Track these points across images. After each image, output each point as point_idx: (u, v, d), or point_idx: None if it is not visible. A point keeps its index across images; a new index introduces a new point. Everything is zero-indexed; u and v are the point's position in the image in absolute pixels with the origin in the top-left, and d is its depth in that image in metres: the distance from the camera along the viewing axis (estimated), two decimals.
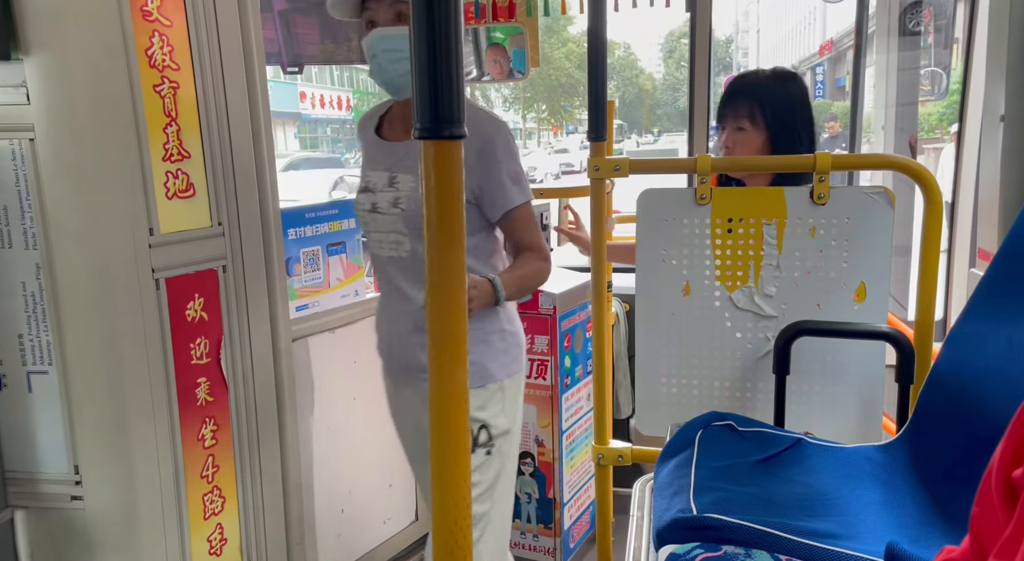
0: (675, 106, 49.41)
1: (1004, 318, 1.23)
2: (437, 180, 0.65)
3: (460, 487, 0.77)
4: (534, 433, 2.41)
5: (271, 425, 1.82)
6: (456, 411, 0.75)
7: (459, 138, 0.65)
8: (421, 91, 0.64)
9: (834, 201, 1.63)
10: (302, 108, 23.09)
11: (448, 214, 0.66)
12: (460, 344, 0.73)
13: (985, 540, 0.50)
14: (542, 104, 38.58)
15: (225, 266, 1.69)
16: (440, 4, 0.64)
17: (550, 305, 2.36)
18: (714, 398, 1.75)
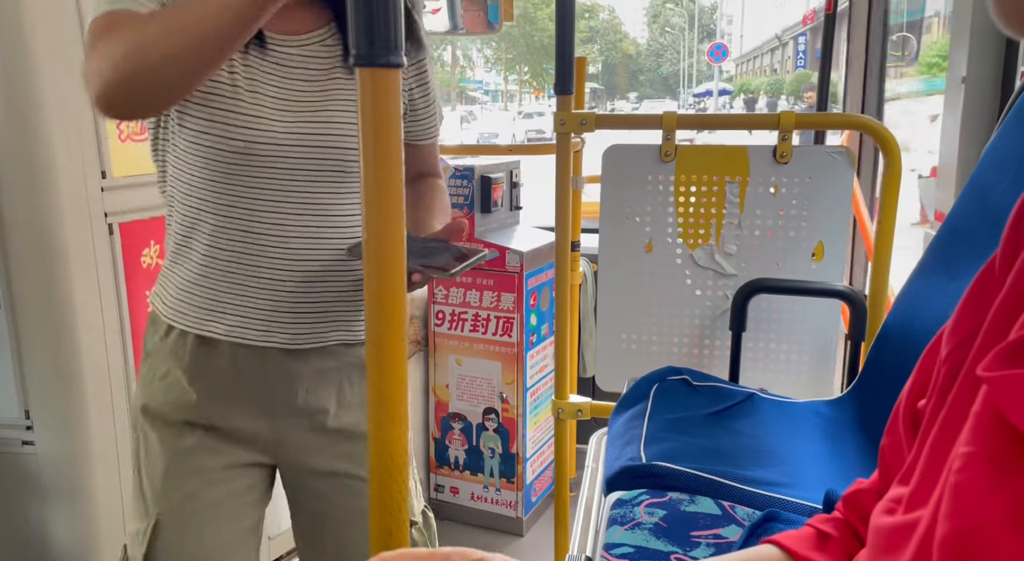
0: (658, 72, 49.00)
1: (954, 273, 1.25)
2: (375, 112, 0.64)
3: (396, 440, 0.77)
4: (498, 389, 2.43)
5: None
6: (392, 362, 0.75)
7: (397, 66, 0.63)
8: (356, 13, 0.62)
9: (796, 160, 1.64)
10: None
11: (386, 151, 0.65)
12: (398, 288, 0.73)
13: (891, 469, 0.52)
14: (524, 66, 38.02)
15: None
16: None
17: (516, 263, 2.36)
18: (672, 354, 1.77)
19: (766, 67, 37.22)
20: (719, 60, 26.20)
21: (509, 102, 37.70)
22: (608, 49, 47.39)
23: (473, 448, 2.49)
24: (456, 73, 35.74)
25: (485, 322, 2.42)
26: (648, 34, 52.96)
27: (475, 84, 40.57)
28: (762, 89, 31.03)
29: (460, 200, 2.39)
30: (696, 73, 41.40)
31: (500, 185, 2.45)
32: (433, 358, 2.50)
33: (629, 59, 49.92)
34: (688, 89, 38.60)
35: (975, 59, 1.56)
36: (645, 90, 47.00)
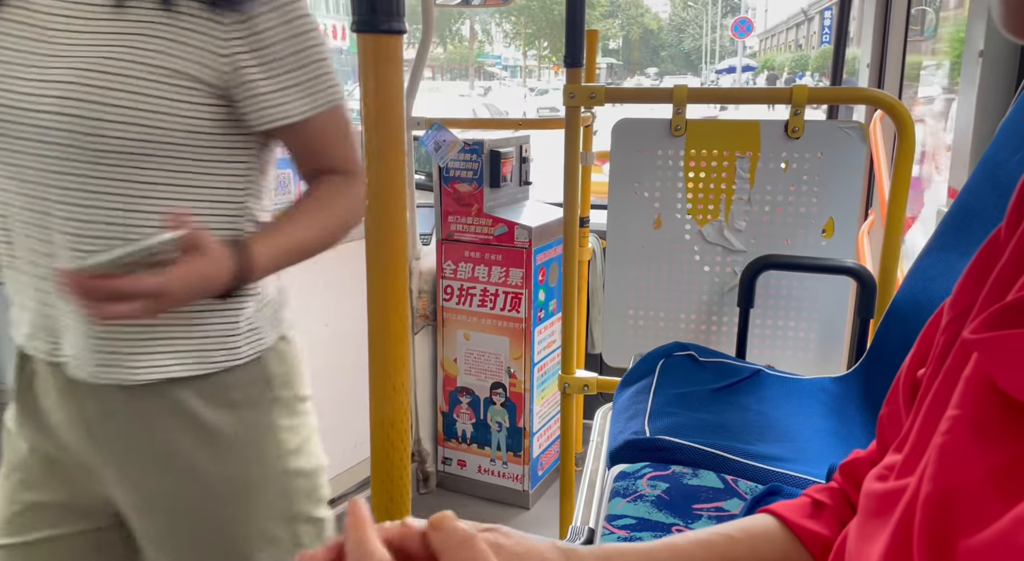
0: (680, 48, 48.18)
1: (964, 250, 1.24)
2: (377, 80, 0.63)
3: (398, 383, 0.78)
4: (506, 364, 2.44)
5: None
6: (394, 330, 0.75)
7: (400, 32, 0.63)
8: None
9: (808, 135, 1.62)
10: None
11: (387, 118, 0.65)
12: (399, 255, 0.73)
13: (888, 438, 0.52)
14: (543, 41, 37.50)
15: None
16: None
17: (525, 239, 2.36)
18: (679, 330, 1.77)
19: (791, 42, 36.47)
20: (743, 35, 25.62)
21: (528, 77, 37.27)
22: (629, 24, 46.60)
23: (480, 422, 2.51)
24: (474, 48, 35.27)
25: (493, 297, 2.42)
26: (671, 8, 52.02)
27: (494, 59, 40.12)
28: (786, 65, 30.40)
29: (469, 174, 2.38)
30: (719, 49, 40.69)
31: (510, 160, 2.43)
32: (441, 332, 2.51)
33: (650, 34, 49.06)
34: (710, 65, 37.97)
35: (992, 34, 1.53)
36: (666, 66, 46.14)
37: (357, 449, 2.29)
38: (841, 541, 0.49)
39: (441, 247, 2.46)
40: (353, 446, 2.28)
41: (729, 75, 27.47)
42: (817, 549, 0.55)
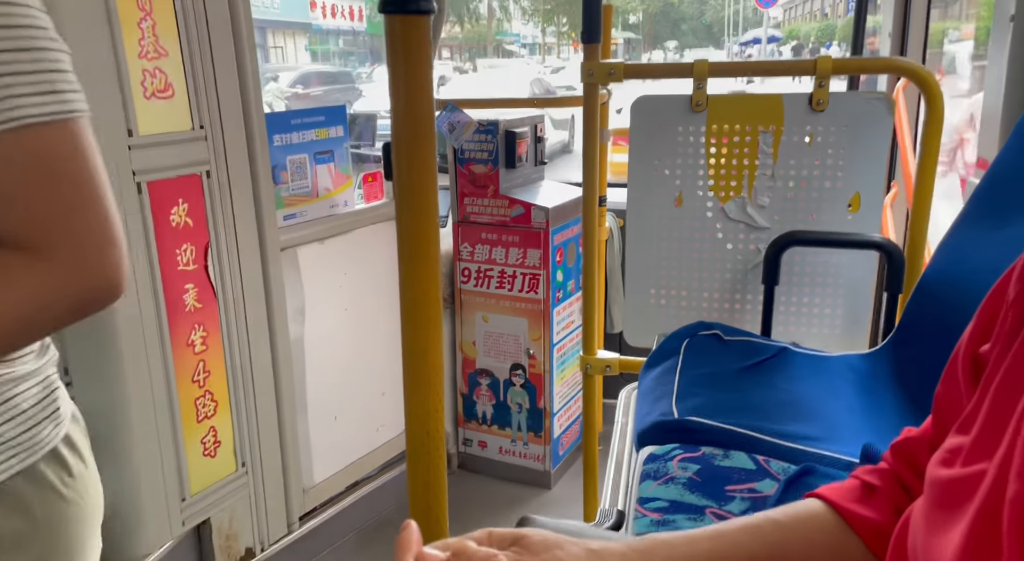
0: (701, 20, 47.25)
1: (1000, 221, 1.21)
2: (407, 61, 0.62)
3: (432, 395, 0.77)
4: (525, 345, 2.44)
5: (261, 332, 1.83)
6: (427, 324, 0.75)
7: (428, 12, 0.61)
8: None
9: (833, 108, 1.59)
10: (312, 18, 22.12)
11: (418, 99, 0.63)
12: (431, 235, 0.72)
13: (947, 417, 0.50)
14: (562, 17, 36.94)
15: (209, 171, 1.65)
16: None
17: (542, 219, 2.34)
18: (702, 309, 1.75)
19: (815, 11, 35.68)
20: (768, 5, 24.88)
21: (547, 54, 36.73)
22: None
23: (501, 403, 2.51)
24: (493, 26, 34.81)
25: (511, 279, 2.41)
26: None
27: (512, 37, 39.69)
28: (812, 35, 29.72)
29: (484, 155, 2.36)
30: (742, 20, 39.94)
31: (525, 140, 2.41)
32: (460, 315, 2.51)
33: (671, 7, 48.12)
34: (733, 37, 37.32)
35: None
36: (687, 39, 45.25)
37: (379, 432, 2.30)
38: (901, 529, 0.48)
39: (457, 229, 2.44)
40: (375, 429, 2.29)
41: (754, 46, 26.89)
42: (869, 535, 0.54)
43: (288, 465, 1.95)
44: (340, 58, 23.80)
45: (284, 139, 1.88)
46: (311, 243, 1.99)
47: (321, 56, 23.52)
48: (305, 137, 1.92)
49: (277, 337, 1.86)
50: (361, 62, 22.24)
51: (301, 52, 23.02)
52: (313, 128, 1.94)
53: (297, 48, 23.03)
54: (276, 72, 16.85)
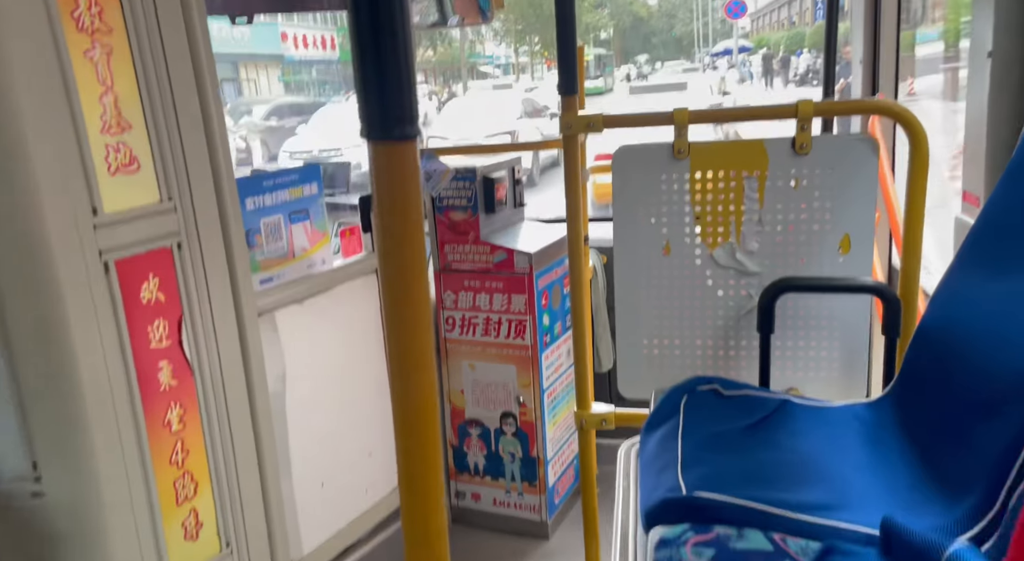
0: (671, 34, 48.18)
1: (998, 271, 1.19)
2: (391, 189, 0.57)
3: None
4: (514, 393, 2.38)
5: (241, 404, 1.75)
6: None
7: (413, 138, 0.56)
8: (366, 82, 0.55)
9: (817, 150, 1.57)
10: (284, 49, 22.17)
11: (408, 231, 0.58)
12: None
13: None
14: (534, 36, 37.35)
15: (180, 243, 1.59)
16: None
17: (525, 264, 2.30)
18: (697, 358, 1.71)
19: (783, 20, 36.45)
20: (737, 16, 25.29)
21: (521, 73, 37.05)
22: (619, 13, 46.62)
23: (492, 454, 2.44)
24: (466, 48, 35.12)
25: (497, 325, 2.36)
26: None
27: (486, 58, 40.09)
28: (782, 43, 30.29)
29: (463, 202, 2.32)
30: (711, 32, 40.78)
31: (503, 184, 2.37)
32: (446, 364, 2.45)
33: (641, 22, 49.01)
34: (704, 49, 37.98)
35: (1001, 33, 1.48)
36: (658, 52, 46.06)
37: (368, 493, 2.22)
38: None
39: (439, 278, 2.39)
40: (364, 491, 2.21)
41: (725, 57, 27.31)
42: None
43: (275, 539, 1.86)
44: (315, 88, 23.83)
45: (257, 202, 1.82)
46: (289, 305, 1.93)
47: (295, 86, 23.55)
48: (279, 198, 1.86)
49: (258, 407, 1.79)
50: (336, 90, 22.26)
51: (275, 83, 23.05)
52: (287, 188, 1.88)
53: (271, 80, 23.05)
54: (250, 105, 16.78)
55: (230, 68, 22.04)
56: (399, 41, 0.56)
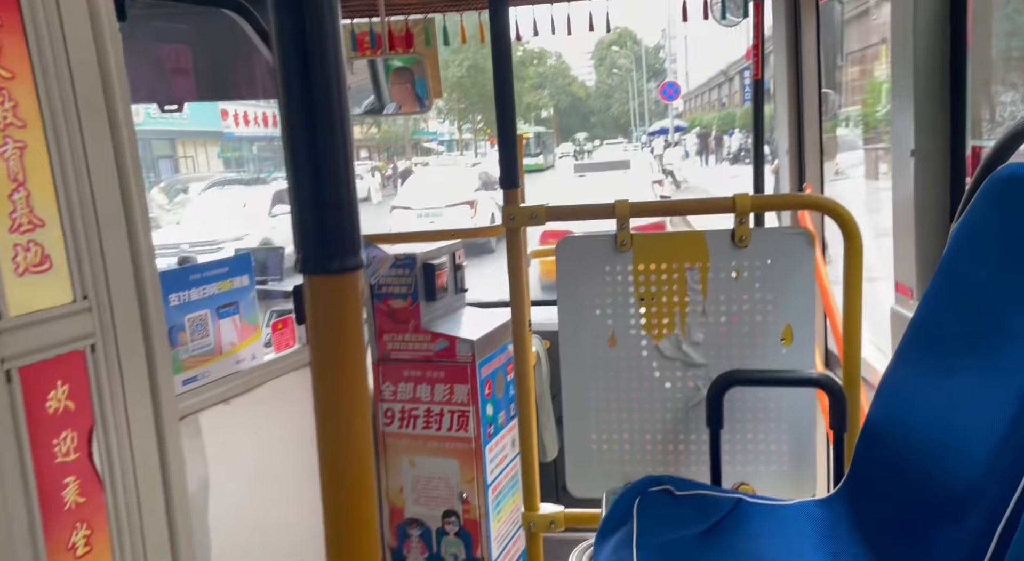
0: (608, 113, 50.61)
1: (941, 368, 1.20)
2: (331, 328, 0.51)
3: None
4: (457, 489, 2.27)
5: (158, 518, 1.60)
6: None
7: (354, 270, 0.51)
8: (301, 208, 0.50)
9: (755, 243, 1.59)
10: (225, 126, 22.07)
11: (348, 370, 0.52)
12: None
13: None
14: (478, 115, 38.46)
15: (94, 345, 1.46)
16: (324, 86, 0.51)
17: (468, 352, 2.23)
18: (647, 453, 1.67)
19: (714, 101, 38.73)
20: (672, 98, 26.67)
21: (464, 150, 38.08)
22: (558, 93, 48.76)
23: (434, 556, 2.30)
24: (410, 125, 35.93)
25: (438, 417, 2.27)
26: (596, 76, 54.88)
27: (430, 135, 41.02)
28: (714, 123, 32.10)
29: (403, 289, 2.26)
30: (647, 111, 42.95)
31: (444, 271, 2.33)
32: (384, 460, 2.32)
33: (579, 101, 51.35)
34: (640, 128, 39.88)
35: (922, 132, 1.55)
36: (596, 130, 48.24)
37: None
38: None
39: (378, 369, 2.30)
40: None
41: (662, 136, 28.73)
42: None
43: None
44: (255, 164, 23.73)
45: (182, 297, 1.72)
46: (215, 406, 1.80)
47: (235, 163, 23.41)
48: (206, 292, 1.77)
49: (177, 520, 1.63)
50: (276, 167, 22.18)
51: (214, 160, 22.89)
52: (215, 281, 1.79)
53: (209, 156, 22.87)
54: (186, 183, 16.50)
55: (167, 145, 21.85)
56: (339, 159, 0.51)
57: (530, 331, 2.43)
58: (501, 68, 1.60)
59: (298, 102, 0.51)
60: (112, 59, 1.49)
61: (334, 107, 0.50)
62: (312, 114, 0.50)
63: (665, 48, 50.78)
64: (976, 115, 1.42)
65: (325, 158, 0.50)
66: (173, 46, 2.00)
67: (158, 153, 21.66)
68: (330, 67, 0.50)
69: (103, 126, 1.49)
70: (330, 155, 0.50)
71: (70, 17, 1.39)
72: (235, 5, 1.83)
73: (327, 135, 0.50)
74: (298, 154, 0.51)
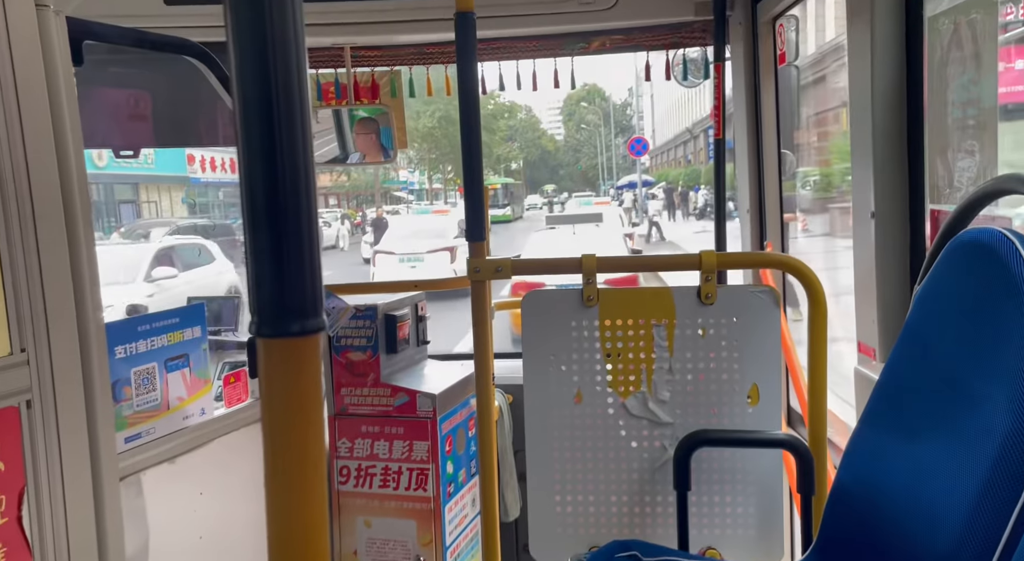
0: (577, 167, 51.87)
1: (908, 433, 1.19)
2: (288, 394, 0.47)
3: None
4: (414, 552, 2.18)
5: None
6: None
7: (315, 333, 0.47)
8: (259, 267, 0.46)
9: (721, 300, 1.58)
10: (191, 171, 21.84)
11: (303, 434, 0.48)
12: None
13: None
14: (448, 165, 38.87)
15: (30, 401, 1.38)
16: (286, 137, 0.47)
17: (429, 407, 2.17)
18: (612, 516, 1.62)
19: (680, 158, 39.95)
20: (640, 153, 27.27)
21: (435, 199, 38.61)
22: (528, 146, 49.87)
23: None
24: (380, 174, 36.20)
25: (396, 475, 2.18)
26: (564, 131, 56.35)
27: (399, 184, 41.36)
28: (680, 179, 33.05)
29: (363, 342, 2.19)
30: (615, 166, 44.10)
31: (406, 322, 2.28)
32: (338, 521, 2.22)
33: (548, 154, 52.51)
34: (608, 181, 40.90)
35: (882, 195, 1.58)
36: (565, 183, 49.36)
37: None
38: None
39: (334, 423, 2.22)
40: None
41: (631, 190, 29.47)
42: None
43: None
44: (221, 209, 23.48)
45: (128, 350, 1.64)
46: (159, 465, 1.70)
47: (200, 208, 23.14)
48: (155, 344, 1.69)
49: None
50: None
51: (178, 205, 22.62)
52: (165, 332, 1.71)
53: (173, 201, 22.58)
54: (148, 228, 16.18)
55: (130, 190, 21.55)
56: (302, 211, 0.47)
57: (493, 385, 2.39)
58: (469, 122, 1.59)
59: (258, 150, 0.47)
60: (65, 103, 1.45)
61: (298, 156, 0.47)
62: (273, 163, 0.47)
63: (632, 105, 52.58)
64: (934, 180, 1.45)
65: (287, 209, 0.47)
66: (131, 91, 1.96)
67: (121, 197, 21.35)
68: (295, 114, 0.47)
69: (52, 172, 1.43)
70: (292, 206, 0.47)
71: (22, 62, 1.35)
72: (198, 52, 1.80)
73: (290, 185, 0.47)
74: (256, 205, 0.47)
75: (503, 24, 2.37)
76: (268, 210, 0.47)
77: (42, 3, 1.39)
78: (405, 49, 2.59)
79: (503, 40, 2.50)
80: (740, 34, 2.34)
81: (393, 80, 2.68)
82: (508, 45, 2.51)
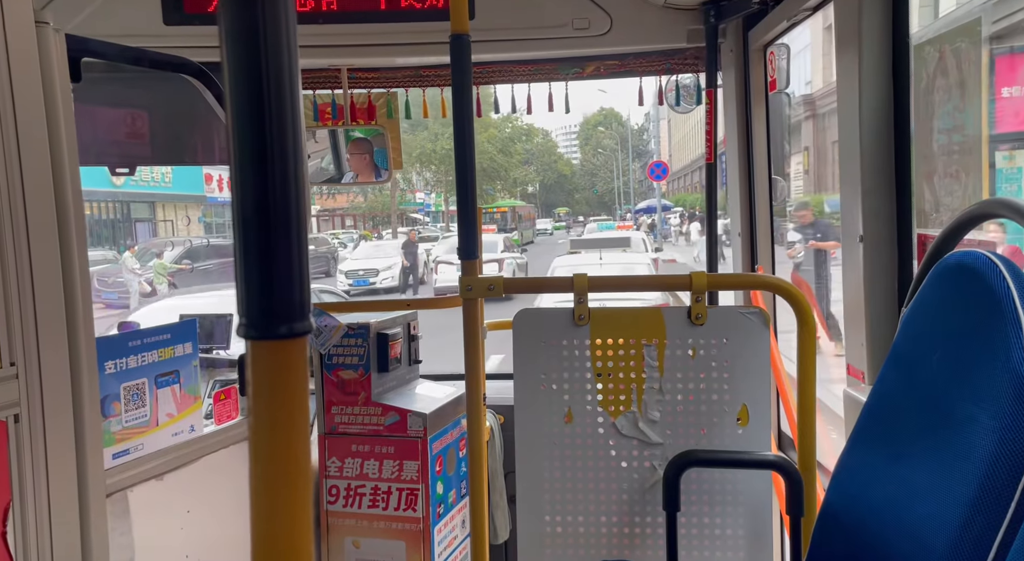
0: (593, 190, 52.36)
1: (895, 454, 1.19)
2: (273, 397, 0.47)
3: None
4: None
5: None
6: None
7: (302, 335, 0.48)
8: (247, 267, 0.47)
9: (711, 321, 1.59)
10: (208, 191, 21.93)
11: (290, 441, 0.48)
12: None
13: None
14: None
15: (18, 415, 1.37)
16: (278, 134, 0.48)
17: (420, 427, 2.17)
18: (602, 536, 1.61)
19: (696, 184, 40.44)
20: (659, 178, 27.40)
21: (451, 222, 39.36)
22: (544, 170, 50.38)
23: None
24: (396, 196, 36.59)
25: (386, 495, 2.17)
26: (581, 155, 56.97)
27: (416, 206, 41.72)
28: (697, 204, 33.56)
29: (354, 360, 2.19)
30: (632, 191, 44.59)
31: (398, 341, 2.28)
32: (326, 542, 2.20)
33: (564, 178, 53.06)
34: (625, 205, 41.34)
35: (869, 219, 1.60)
36: (580, 207, 49.80)
37: None
38: None
39: (324, 442, 2.21)
40: None
41: (650, 214, 29.86)
42: None
43: None
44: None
45: (119, 365, 1.63)
46: (147, 482, 1.69)
47: (215, 228, 23.25)
48: (145, 360, 1.68)
49: None
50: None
51: (195, 224, 22.74)
52: (156, 348, 1.71)
53: (192, 220, 22.70)
54: (162, 247, 16.21)
55: (146, 208, 21.63)
56: (292, 212, 0.48)
57: (484, 405, 2.38)
58: (463, 143, 1.61)
59: (248, 155, 0.48)
60: (62, 119, 1.46)
61: (288, 162, 0.48)
62: (263, 169, 0.48)
63: (649, 130, 53.10)
64: (920, 205, 1.47)
65: (277, 216, 0.48)
66: (128, 109, 1.97)
67: (136, 215, 21.43)
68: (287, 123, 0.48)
69: (47, 187, 1.44)
70: (283, 213, 0.48)
71: (21, 77, 1.36)
72: (195, 71, 1.82)
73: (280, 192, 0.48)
74: (246, 210, 0.48)
75: (499, 48, 2.40)
76: (258, 214, 0.48)
77: (42, 20, 1.41)
78: (402, 71, 2.63)
79: (499, 64, 2.54)
80: (732, 61, 2.38)
81: (389, 101, 2.71)
82: (504, 69, 2.55)
